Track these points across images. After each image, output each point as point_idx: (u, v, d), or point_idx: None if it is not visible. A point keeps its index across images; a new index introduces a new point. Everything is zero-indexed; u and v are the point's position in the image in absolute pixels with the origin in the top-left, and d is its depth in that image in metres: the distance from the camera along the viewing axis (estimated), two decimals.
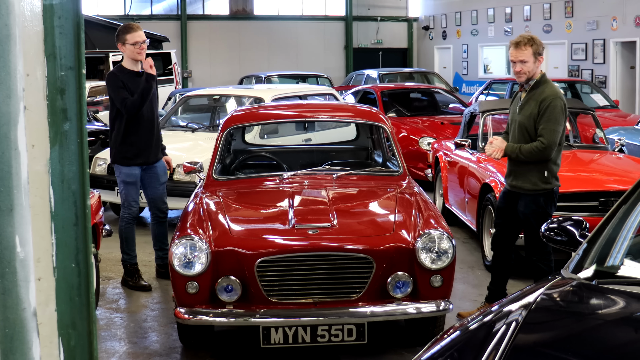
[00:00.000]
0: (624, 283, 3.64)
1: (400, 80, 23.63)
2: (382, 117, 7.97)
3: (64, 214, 2.79)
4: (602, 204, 8.39)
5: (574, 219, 4.49)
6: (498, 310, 3.54)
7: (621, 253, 3.91)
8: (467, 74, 30.66)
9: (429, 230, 5.97)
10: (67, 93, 2.75)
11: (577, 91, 18.64)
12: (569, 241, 4.28)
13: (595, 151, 10.24)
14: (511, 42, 6.93)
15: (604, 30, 22.93)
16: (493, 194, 8.76)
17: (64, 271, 2.81)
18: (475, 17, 29.73)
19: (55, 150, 2.76)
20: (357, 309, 5.81)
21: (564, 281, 3.73)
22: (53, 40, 2.72)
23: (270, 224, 6.34)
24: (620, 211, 4.06)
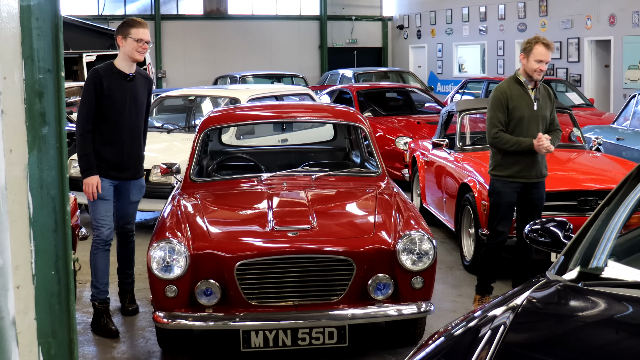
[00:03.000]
0: (609, 285, 3.62)
1: (375, 79, 23.60)
2: (360, 117, 7.93)
3: (43, 220, 2.73)
4: (581, 203, 8.40)
5: (558, 220, 4.46)
6: (482, 315, 3.50)
7: (605, 254, 3.89)
8: (442, 73, 30.69)
9: (409, 232, 5.93)
10: (45, 96, 2.68)
11: (552, 89, 18.66)
12: (553, 242, 4.25)
13: (572, 150, 10.25)
14: (542, 43, 7.26)
15: (578, 29, 23.02)
16: (472, 194, 8.74)
17: (44, 279, 2.75)
18: (450, 16, 29.76)
19: (34, 155, 2.69)
20: (338, 312, 5.76)
21: (550, 283, 3.69)
22: (31, 42, 2.65)
23: (250, 226, 6.28)
24: (604, 212, 4.04)
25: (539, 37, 7.40)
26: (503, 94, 7.42)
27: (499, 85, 7.59)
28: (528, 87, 7.42)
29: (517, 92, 7.43)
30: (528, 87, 7.42)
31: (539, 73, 7.30)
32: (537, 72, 7.29)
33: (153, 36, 31.26)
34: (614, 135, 12.52)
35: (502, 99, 7.41)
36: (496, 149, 7.46)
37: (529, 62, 7.29)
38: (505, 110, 7.39)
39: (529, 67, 7.31)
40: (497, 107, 7.41)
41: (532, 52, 7.28)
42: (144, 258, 8.92)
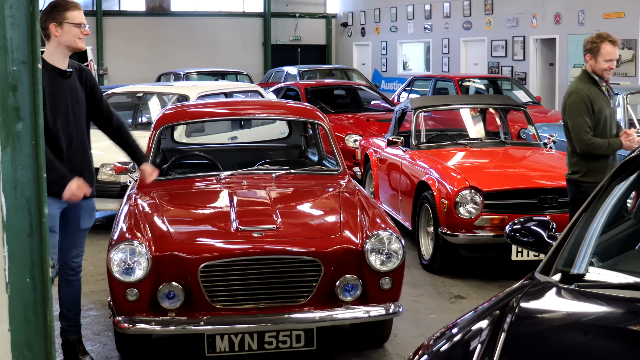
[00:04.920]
0: (599, 286, 3.50)
1: (320, 77, 23.48)
2: (320, 114, 7.76)
3: (17, 223, 2.51)
4: (541, 201, 8.34)
5: (538, 219, 4.34)
6: (468, 325, 3.36)
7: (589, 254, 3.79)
8: (386, 71, 30.68)
9: (377, 232, 5.77)
10: (19, 90, 2.47)
11: (499, 87, 18.72)
12: (536, 242, 4.12)
13: (528, 148, 10.21)
14: (609, 41, 7.05)
15: (523, 27, 23.12)
16: (430, 192, 8.64)
17: (18, 287, 2.53)
18: (395, 13, 29.75)
19: (7, 154, 2.48)
20: (305, 314, 5.59)
21: (541, 285, 3.56)
22: (4, 32, 2.44)
23: (212, 226, 6.05)
24: (589, 210, 3.92)
25: (602, 34, 7.12)
26: (586, 97, 7.05)
27: (577, 87, 7.16)
28: (602, 85, 7.15)
29: (595, 92, 7.12)
30: (602, 85, 7.15)
31: (609, 72, 7.08)
32: (607, 72, 7.07)
33: (94, 33, 30.78)
34: (562, 132, 12.47)
35: (587, 102, 7.05)
36: (586, 155, 7.11)
37: (598, 63, 7.04)
38: (591, 114, 7.05)
39: (598, 67, 7.06)
40: (584, 111, 7.03)
41: (600, 52, 7.03)
42: (94, 259, 8.73)
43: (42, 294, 2.57)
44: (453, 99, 13.36)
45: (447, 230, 8.34)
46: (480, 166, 9.20)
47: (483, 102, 11.75)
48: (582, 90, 7.07)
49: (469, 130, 10.91)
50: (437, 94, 17.84)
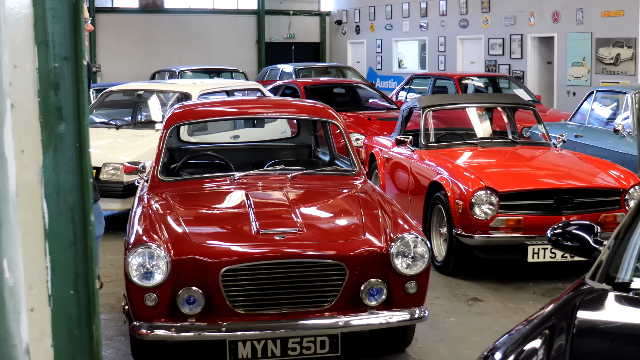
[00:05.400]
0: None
1: (315, 74, 23.31)
2: (333, 112, 7.56)
3: (60, 231, 2.30)
4: (557, 202, 8.16)
5: (580, 223, 4.16)
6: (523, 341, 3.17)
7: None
8: (381, 69, 30.50)
9: (402, 234, 5.57)
10: (62, 88, 2.25)
11: (498, 86, 18.57)
12: (582, 247, 3.93)
13: (538, 147, 10.03)
14: None
15: (521, 26, 22.96)
16: (444, 192, 8.45)
17: (61, 299, 2.33)
18: (390, 11, 29.56)
19: (49, 157, 2.26)
20: (330, 320, 5.39)
21: (596, 293, 3.36)
22: (45, 26, 2.22)
23: (232, 229, 5.82)
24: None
25: None
26: None
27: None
28: None
29: None
30: None
31: None
32: None
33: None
34: (564, 131, 12.28)
35: None
36: None
37: None
38: None
39: None
40: None
41: None
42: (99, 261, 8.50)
43: (87, 306, 2.36)
44: (462, 97, 13.18)
45: (461, 232, 8.15)
46: (493, 166, 9.03)
47: (492, 101, 11.55)
48: None
49: (476, 129, 10.73)
50: (436, 92, 17.67)
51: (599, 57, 20.27)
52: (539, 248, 8.02)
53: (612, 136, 11.33)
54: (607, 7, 19.82)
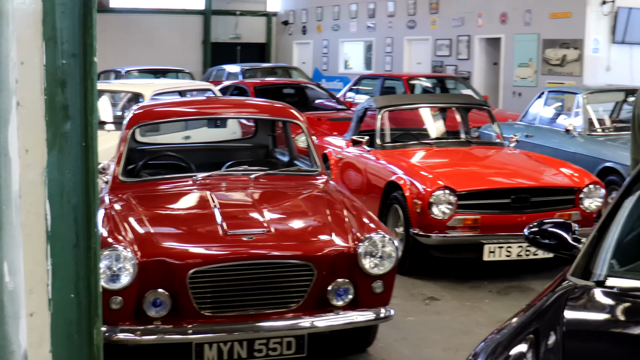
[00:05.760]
0: None
1: (261, 75, 23.24)
2: (296, 112, 7.57)
3: (62, 233, 2.29)
4: (514, 201, 8.27)
5: (556, 221, 4.24)
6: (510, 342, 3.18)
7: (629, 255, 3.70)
8: (327, 70, 30.51)
9: (370, 234, 5.61)
10: (69, 86, 2.24)
11: (446, 86, 18.71)
12: (560, 245, 3.99)
13: (492, 147, 10.15)
14: None
15: (469, 27, 23.14)
16: (401, 192, 8.50)
17: (62, 304, 2.31)
18: (338, 12, 29.60)
19: (54, 156, 2.25)
20: (297, 321, 5.41)
21: (582, 290, 3.41)
22: (53, 22, 2.20)
23: (199, 230, 5.81)
24: (625, 207, 3.80)
25: None
26: None
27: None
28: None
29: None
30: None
31: None
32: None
33: None
34: (513, 131, 12.39)
35: None
36: None
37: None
38: None
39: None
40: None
41: None
42: None
43: (88, 310, 2.35)
44: (417, 98, 13.28)
45: (419, 231, 8.22)
46: (449, 166, 9.12)
47: (447, 101, 11.67)
48: None
49: (430, 129, 10.80)
50: (384, 92, 17.72)
51: (545, 58, 20.53)
52: (494, 247, 8.13)
53: (563, 136, 11.50)
54: (554, 8, 20.08)
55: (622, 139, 10.96)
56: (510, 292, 7.99)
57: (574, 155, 10.71)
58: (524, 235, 4.27)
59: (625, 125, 11.73)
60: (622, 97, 12.59)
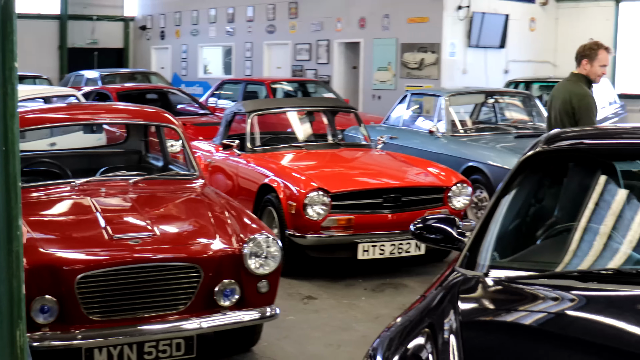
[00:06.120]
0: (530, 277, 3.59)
1: (120, 80, 23.01)
2: (171, 117, 7.61)
3: None
4: (385, 200, 8.50)
5: (439, 216, 4.41)
6: (407, 336, 3.28)
7: (510, 247, 3.92)
8: (187, 75, 30.40)
9: (254, 235, 5.71)
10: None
11: (307, 90, 18.94)
12: (446, 238, 4.19)
13: (360, 149, 10.39)
14: (604, 48, 7.76)
15: (328, 31, 23.48)
16: (275, 195, 8.63)
17: None
18: (196, 17, 29.52)
19: None
20: (185, 322, 5.45)
21: (472, 281, 3.59)
22: None
23: (84, 235, 5.78)
24: (504, 203, 4.03)
25: (598, 42, 7.81)
26: (593, 99, 7.72)
27: (585, 91, 7.76)
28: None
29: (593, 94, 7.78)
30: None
31: (600, 77, 7.78)
32: (599, 77, 7.76)
33: None
34: (376, 134, 12.68)
35: (594, 104, 7.71)
36: None
37: (594, 67, 7.71)
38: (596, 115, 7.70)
39: (593, 72, 7.72)
40: (595, 111, 7.68)
41: (597, 57, 7.70)
42: None
43: (10, 313, 2.36)
44: (286, 102, 13.42)
45: (294, 232, 8.35)
46: (321, 167, 9.28)
47: (315, 104, 11.86)
48: (589, 92, 7.72)
49: (299, 132, 10.96)
50: (247, 97, 17.83)
51: (404, 62, 21.06)
52: (368, 246, 8.34)
53: (427, 137, 11.84)
54: (412, 13, 20.63)
55: (484, 139, 11.42)
56: (384, 289, 8.22)
57: (438, 156, 11.04)
58: (410, 231, 4.43)
59: (486, 126, 12.24)
60: (482, 99, 13.08)
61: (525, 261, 3.92)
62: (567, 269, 3.71)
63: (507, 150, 10.72)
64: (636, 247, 3.84)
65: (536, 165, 4.30)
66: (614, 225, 3.96)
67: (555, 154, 4.40)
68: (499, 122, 12.69)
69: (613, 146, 4.53)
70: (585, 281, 3.45)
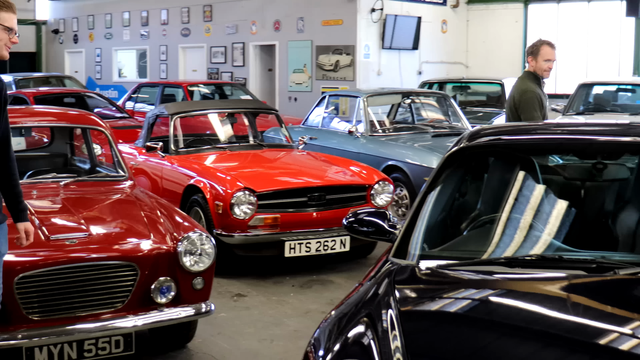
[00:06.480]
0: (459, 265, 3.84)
1: (34, 84, 22.81)
2: (99, 120, 7.71)
3: None
4: (310, 199, 8.72)
5: (369, 210, 4.65)
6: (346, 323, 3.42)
7: (439, 237, 4.18)
8: (101, 78, 30.22)
9: (188, 234, 5.88)
10: None
11: (224, 93, 19.07)
12: (378, 231, 4.43)
13: (282, 149, 10.60)
14: (547, 43, 7.97)
15: (243, 34, 23.63)
16: (202, 195, 8.78)
17: None
18: (110, 20, 29.37)
19: None
20: (123, 320, 5.58)
21: (407, 271, 3.81)
22: None
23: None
24: (431, 197, 4.29)
25: (542, 39, 8.04)
26: (537, 94, 7.90)
27: (528, 86, 7.98)
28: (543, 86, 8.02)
29: (540, 90, 7.96)
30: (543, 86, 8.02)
31: (548, 72, 7.96)
32: (546, 72, 7.95)
33: None
34: (296, 135, 12.91)
35: (537, 99, 7.87)
36: None
37: (539, 63, 7.93)
38: (540, 109, 7.84)
39: (539, 67, 7.93)
40: (537, 106, 7.84)
41: (540, 53, 7.92)
42: None
43: None
44: (208, 104, 13.54)
45: (221, 231, 8.51)
46: (246, 168, 9.44)
47: (237, 106, 12.07)
48: (532, 87, 7.92)
49: (221, 134, 11.12)
50: (165, 100, 17.86)
51: (319, 64, 21.34)
52: (294, 243, 8.56)
53: (346, 137, 12.11)
54: (326, 16, 20.92)
55: (402, 138, 11.74)
56: (312, 285, 8.44)
57: (358, 156, 11.32)
58: (343, 225, 4.65)
59: (404, 126, 12.57)
60: (398, 100, 13.42)
61: (453, 250, 4.18)
62: (493, 256, 3.98)
63: (425, 149, 11.07)
64: (555, 235, 4.14)
65: (460, 161, 4.57)
66: (534, 216, 4.26)
67: (477, 149, 4.68)
68: (416, 121, 13.05)
69: (529, 141, 4.83)
70: (511, 267, 3.72)
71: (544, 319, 3.29)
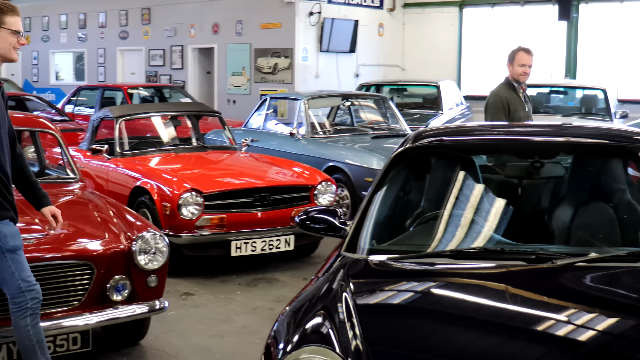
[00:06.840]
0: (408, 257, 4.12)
1: None
2: (49, 123, 7.85)
3: None
4: (255, 199, 8.95)
5: (320, 208, 4.91)
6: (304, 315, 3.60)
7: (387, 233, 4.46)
8: (38, 81, 30.04)
9: (142, 233, 6.07)
10: None
11: (164, 95, 19.17)
12: (329, 227, 4.68)
13: (226, 151, 10.80)
14: (523, 49, 8.39)
15: (182, 37, 23.72)
16: (149, 197, 8.95)
17: None
18: (47, 22, 29.22)
19: None
20: (80, 317, 5.75)
21: (360, 264, 4.07)
22: None
23: None
24: (378, 195, 4.57)
25: (520, 46, 8.48)
26: (503, 99, 8.21)
27: (496, 91, 8.36)
28: (519, 91, 8.34)
29: (512, 96, 8.27)
30: (519, 91, 8.34)
31: (524, 76, 8.30)
32: (522, 76, 8.29)
33: None
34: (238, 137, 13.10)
35: (503, 103, 8.17)
36: None
37: (514, 68, 8.32)
38: (507, 113, 8.13)
39: (515, 72, 8.31)
40: (500, 110, 8.14)
41: (515, 58, 8.33)
42: None
43: None
44: (153, 107, 13.70)
45: (169, 232, 8.69)
46: (192, 169, 9.63)
47: (181, 109, 12.26)
48: (500, 93, 8.30)
49: (165, 136, 11.29)
50: (105, 103, 17.93)
51: (258, 66, 21.54)
52: (240, 243, 8.78)
53: (288, 139, 12.35)
54: (265, 19, 21.12)
55: (343, 140, 12.04)
56: (258, 284, 8.67)
57: (299, 157, 11.55)
58: (295, 222, 4.89)
59: (344, 128, 12.86)
60: (338, 102, 13.71)
61: (400, 245, 4.46)
62: (438, 250, 4.27)
63: (365, 150, 11.37)
64: (495, 229, 4.44)
65: (405, 161, 4.86)
66: (475, 212, 4.55)
67: (420, 150, 4.97)
68: (356, 123, 13.35)
69: (469, 142, 5.14)
70: (457, 259, 4.02)
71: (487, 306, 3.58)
